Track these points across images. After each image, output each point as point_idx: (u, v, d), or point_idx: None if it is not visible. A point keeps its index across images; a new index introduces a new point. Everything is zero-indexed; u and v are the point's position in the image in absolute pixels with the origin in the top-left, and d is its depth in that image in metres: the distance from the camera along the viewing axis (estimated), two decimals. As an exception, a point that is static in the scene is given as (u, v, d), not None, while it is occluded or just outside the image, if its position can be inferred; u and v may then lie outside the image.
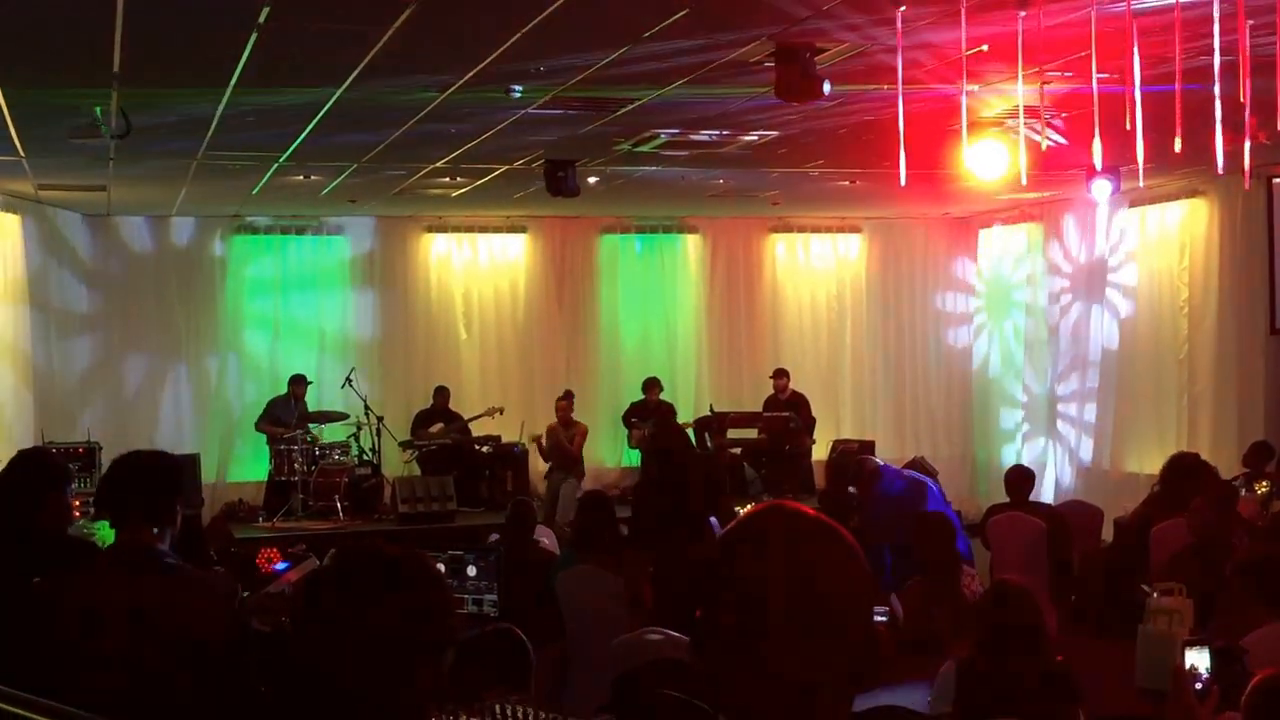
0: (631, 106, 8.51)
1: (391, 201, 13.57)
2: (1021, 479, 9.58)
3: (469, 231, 15.69)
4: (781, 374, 15.13)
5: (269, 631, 5.22)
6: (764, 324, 16.43)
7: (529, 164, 10.91)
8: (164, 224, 14.88)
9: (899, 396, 16.65)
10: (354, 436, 14.12)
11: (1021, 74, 6.42)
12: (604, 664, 5.86)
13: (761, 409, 15.10)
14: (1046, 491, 14.14)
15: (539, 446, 14.13)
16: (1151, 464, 11.87)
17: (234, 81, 7.45)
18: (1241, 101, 5.68)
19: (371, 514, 13.60)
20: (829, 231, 16.55)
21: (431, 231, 15.61)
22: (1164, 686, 3.85)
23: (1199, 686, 3.57)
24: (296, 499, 13.36)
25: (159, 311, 14.87)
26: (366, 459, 14.12)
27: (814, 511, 1.65)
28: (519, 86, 7.81)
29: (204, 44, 6.77)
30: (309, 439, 13.74)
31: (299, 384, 14.18)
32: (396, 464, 14.51)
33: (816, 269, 16.60)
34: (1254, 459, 10.60)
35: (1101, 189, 10.67)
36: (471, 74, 7.37)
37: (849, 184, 12.77)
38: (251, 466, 14.57)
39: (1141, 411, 13.66)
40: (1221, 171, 6.45)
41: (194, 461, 13.54)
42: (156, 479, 3.79)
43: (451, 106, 8.31)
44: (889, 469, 10.15)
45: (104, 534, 5.04)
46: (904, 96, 6.82)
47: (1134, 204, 13.38)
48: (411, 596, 2.26)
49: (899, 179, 7.29)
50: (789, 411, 14.79)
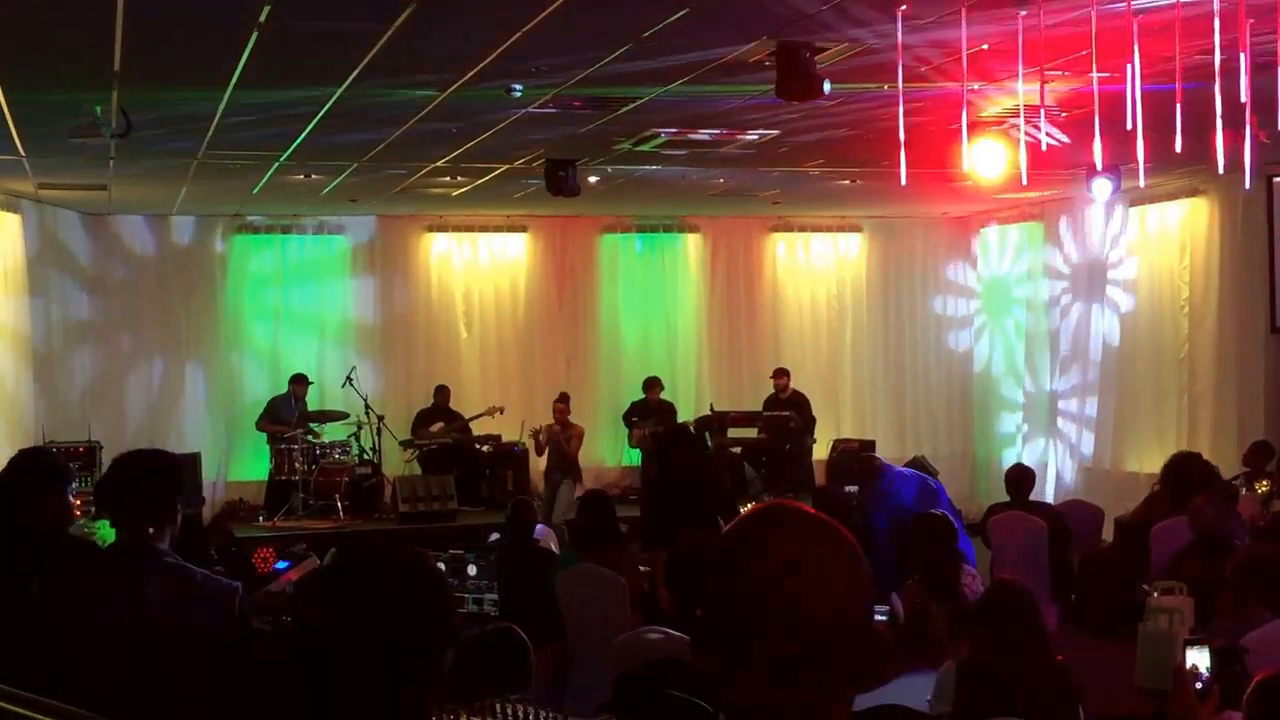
0: (632, 106, 8.50)
1: (392, 200, 13.57)
2: (1022, 478, 9.57)
3: (469, 231, 15.69)
4: (782, 373, 15.12)
5: (270, 630, 5.23)
6: (764, 323, 16.43)
7: (529, 163, 10.90)
8: (164, 223, 14.88)
9: (899, 396, 16.65)
10: (354, 436, 14.13)
11: (1022, 73, 6.42)
12: (604, 663, 5.86)
13: (762, 408, 15.10)
14: (1047, 491, 14.13)
15: (536, 440, 14.11)
16: (1152, 463, 11.86)
17: (234, 81, 7.45)
18: (1242, 101, 5.68)
19: (372, 513, 13.60)
20: (829, 231, 16.55)
21: (432, 231, 15.61)
22: (1164, 686, 3.85)
23: (1199, 686, 3.57)
24: (297, 498, 13.37)
25: (160, 311, 14.88)
26: (367, 458, 14.12)
27: (814, 510, 1.65)
28: (519, 85, 7.80)
29: (204, 43, 6.76)
30: (309, 438, 13.75)
31: (300, 383, 14.19)
32: (397, 463, 14.51)
33: (817, 268, 16.60)
34: (1254, 458, 10.60)
35: (1102, 188, 10.65)
36: (472, 73, 7.37)
37: (849, 183, 12.76)
38: (252, 466, 14.58)
39: (1142, 411, 13.65)
40: (1222, 171, 6.45)
41: (194, 461, 13.55)
42: (157, 478, 3.79)
43: (452, 105, 8.31)
44: (892, 468, 10.14)
45: (104, 533, 5.04)
46: (904, 96, 6.83)
47: (1134, 203, 13.37)
48: (412, 596, 2.26)
49: (899, 178, 7.30)
50: (789, 411, 14.78)
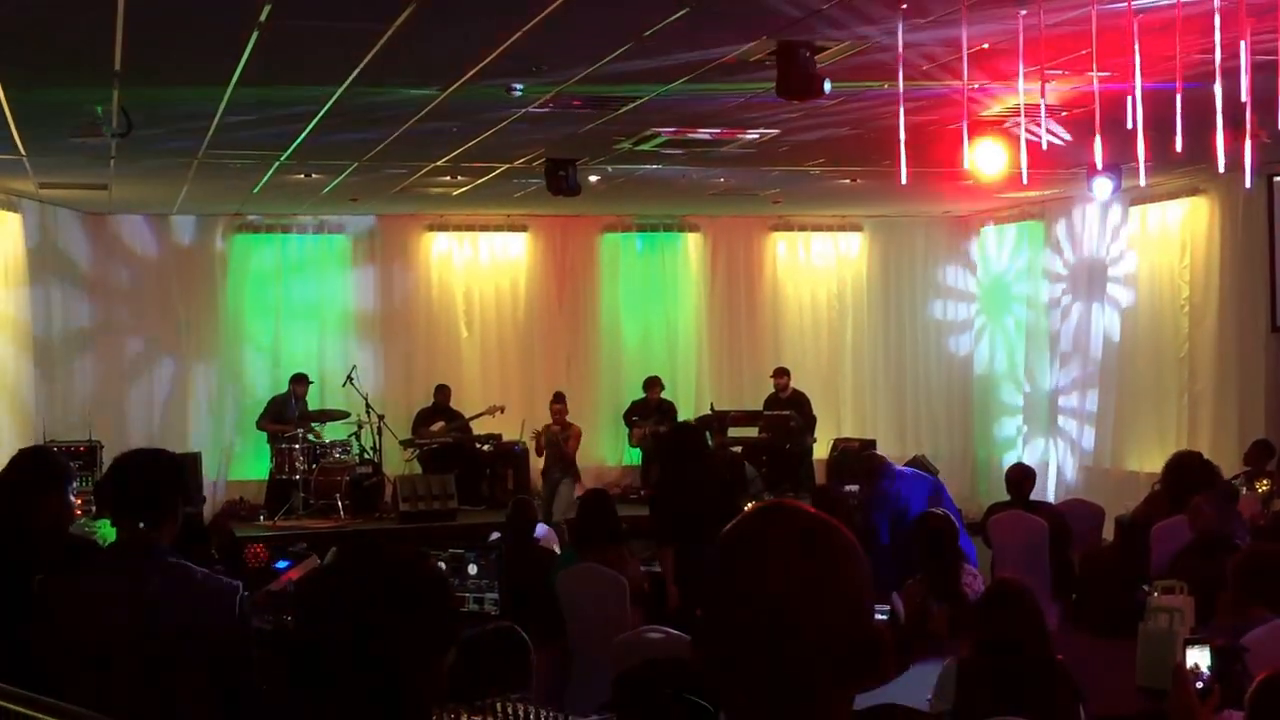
0: (632, 105, 8.50)
1: (392, 200, 13.56)
2: (1022, 478, 9.57)
3: (470, 230, 15.69)
4: (782, 372, 15.13)
5: (271, 630, 5.23)
6: (765, 322, 16.42)
7: (530, 163, 10.90)
8: (165, 223, 14.89)
9: (899, 395, 16.65)
10: (355, 435, 14.13)
11: (1022, 72, 6.42)
12: (605, 662, 5.85)
13: (762, 407, 15.10)
14: (1047, 490, 14.13)
15: (537, 443, 14.11)
16: (1152, 462, 11.86)
17: (235, 80, 7.45)
18: (1242, 100, 5.68)
19: (372, 512, 13.60)
20: (830, 230, 16.54)
21: (432, 230, 15.61)
22: (1165, 685, 3.86)
23: (1200, 685, 3.58)
24: (298, 497, 13.37)
25: (160, 311, 14.89)
26: (367, 457, 14.13)
27: (814, 509, 1.65)
28: (520, 85, 7.80)
29: (205, 42, 6.76)
30: (310, 437, 13.75)
31: (300, 383, 14.19)
32: (397, 462, 14.51)
33: (817, 267, 16.60)
34: (1255, 457, 10.60)
35: (1102, 187, 10.65)
36: (472, 72, 7.37)
37: (850, 182, 12.76)
38: (253, 465, 14.59)
39: (1142, 410, 13.65)
40: (1222, 170, 6.45)
41: (195, 460, 13.56)
42: (157, 477, 3.79)
43: (452, 105, 8.31)
44: (895, 468, 10.09)
45: (105, 532, 5.05)
46: (905, 95, 6.82)
47: (1135, 202, 13.37)
48: (412, 595, 2.26)
49: (900, 177, 7.31)
50: (790, 410, 14.79)
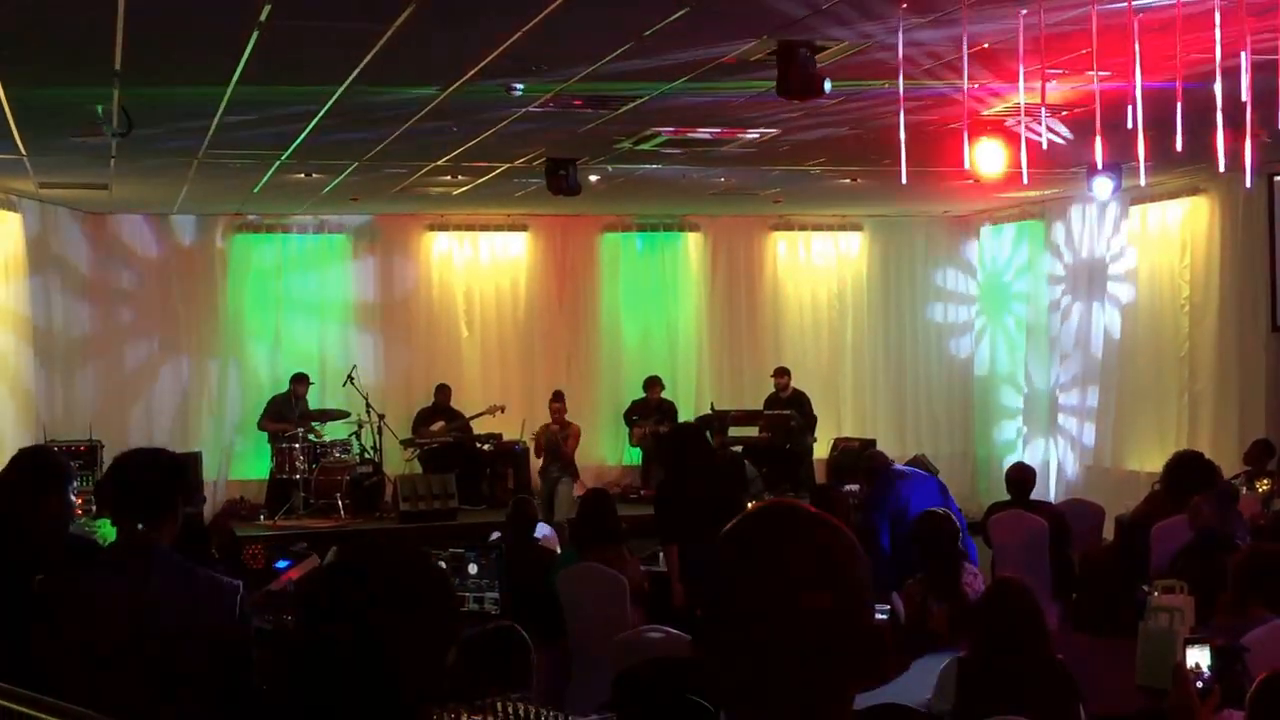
0: (632, 105, 8.50)
1: (393, 200, 13.56)
2: (1022, 477, 9.56)
3: (470, 230, 15.69)
4: (782, 372, 15.13)
5: (271, 629, 5.23)
6: (765, 322, 16.42)
7: (530, 162, 10.90)
8: (165, 222, 14.89)
9: (900, 394, 16.65)
10: (355, 434, 14.14)
11: (1023, 72, 6.42)
12: (605, 662, 5.86)
13: (763, 407, 15.10)
14: (1048, 490, 14.13)
15: (536, 441, 14.11)
16: (1152, 462, 11.86)
17: (235, 80, 7.45)
18: (1243, 100, 5.68)
19: (373, 512, 13.60)
20: (830, 229, 16.54)
21: (433, 230, 15.61)
22: (1165, 684, 3.86)
23: (1200, 685, 3.58)
24: (298, 497, 13.37)
25: (161, 310, 14.89)
26: (368, 457, 14.13)
27: (813, 509, 1.65)
28: (520, 84, 7.80)
29: (205, 42, 6.76)
30: (310, 437, 13.75)
31: (300, 382, 14.19)
32: (398, 462, 14.52)
33: (818, 267, 16.60)
34: (1255, 457, 10.60)
35: (1103, 187, 10.65)
36: (472, 72, 7.37)
37: (850, 182, 12.76)
38: (253, 464, 14.59)
39: (1142, 409, 13.65)
40: (1223, 169, 6.46)
41: (195, 459, 13.56)
42: (157, 477, 3.79)
43: (452, 105, 8.31)
44: (895, 466, 10.07)
45: (105, 532, 5.05)
46: (905, 94, 6.82)
47: (1135, 202, 13.36)
48: (413, 595, 2.26)
49: (900, 177, 7.31)
50: (790, 410, 14.79)
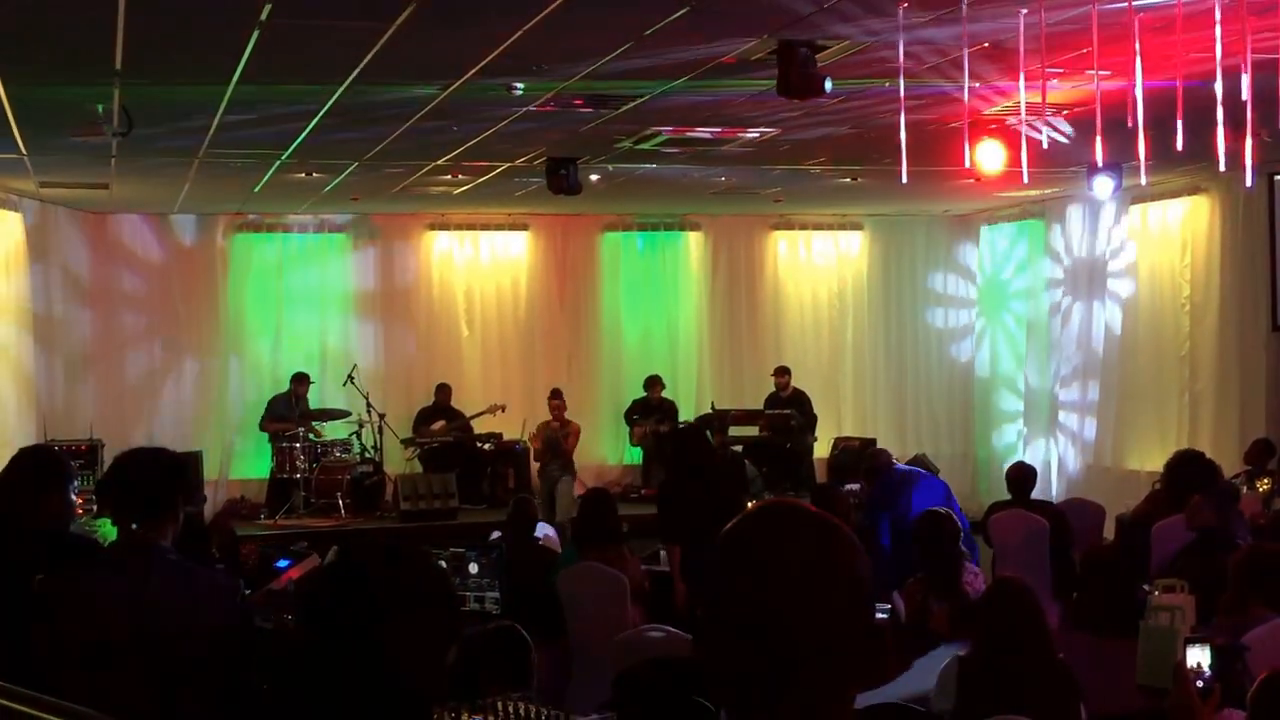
0: (633, 104, 8.50)
1: (393, 199, 13.56)
2: (1023, 477, 9.55)
3: (471, 229, 15.69)
4: (783, 371, 15.14)
5: (272, 629, 5.23)
6: (766, 321, 16.43)
7: (530, 161, 10.90)
8: (166, 222, 14.89)
9: (900, 394, 16.65)
10: (356, 434, 14.14)
11: (1023, 71, 6.42)
12: (606, 661, 5.86)
13: (763, 406, 15.10)
14: (1048, 489, 14.12)
15: (537, 441, 14.09)
16: (1153, 461, 11.86)
17: (235, 79, 7.45)
18: (1243, 99, 5.68)
19: (373, 511, 13.61)
20: (830, 229, 16.55)
21: (433, 229, 15.61)
22: (1165, 683, 3.85)
23: (1201, 684, 3.57)
24: (298, 496, 13.37)
25: (161, 310, 14.90)
26: (368, 456, 14.13)
27: (814, 508, 1.65)
28: (520, 84, 7.80)
29: (206, 41, 6.76)
30: (311, 436, 13.76)
31: (301, 382, 14.19)
32: (398, 461, 14.52)
33: (818, 266, 16.60)
34: (1255, 456, 10.60)
35: (1103, 186, 10.64)
36: (473, 71, 7.37)
37: (851, 181, 12.76)
38: (253, 464, 14.60)
39: (1143, 409, 13.65)
40: (1223, 169, 6.46)
41: (196, 459, 13.56)
42: (158, 476, 3.79)
43: (453, 104, 8.31)
44: (898, 466, 10.04)
45: (106, 531, 5.05)
46: (905, 94, 6.82)
47: (1135, 201, 13.36)
48: (413, 594, 2.26)
49: (901, 176, 7.31)
50: (790, 409, 14.79)
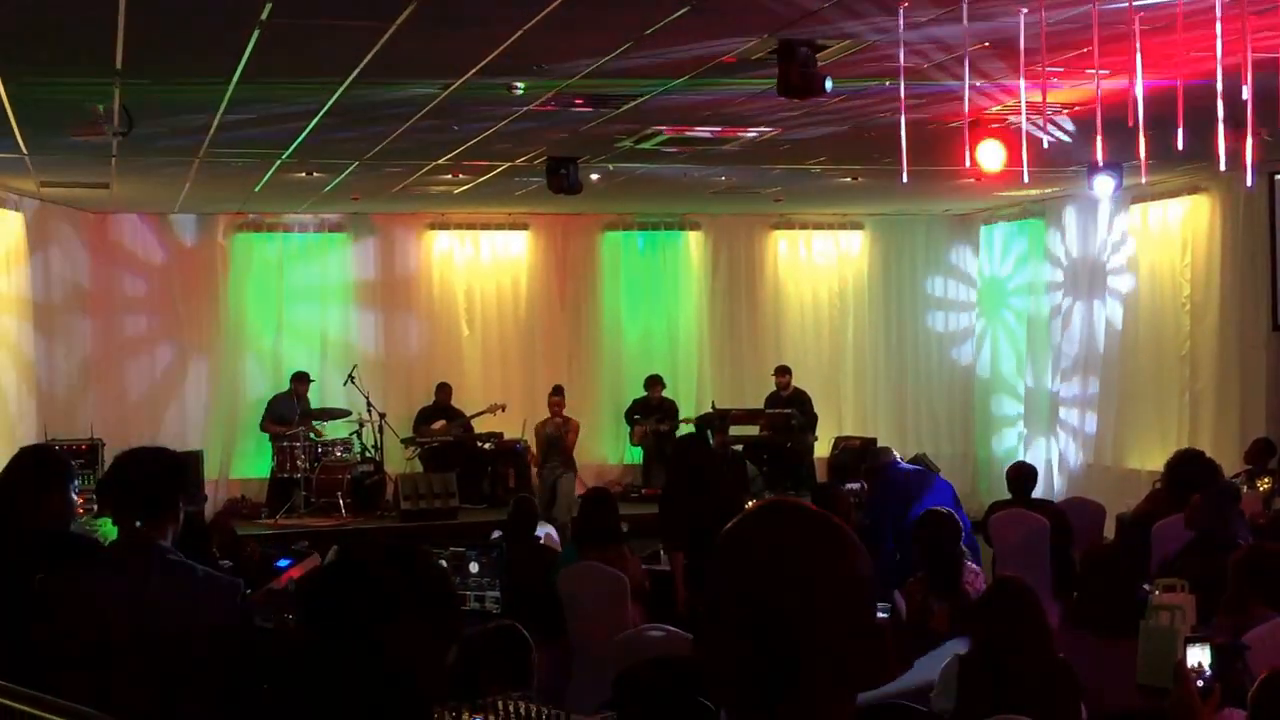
0: (633, 104, 8.50)
1: (394, 199, 13.56)
2: (1023, 476, 9.56)
3: (471, 229, 15.70)
4: (783, 371, 15.14)
5: (272, 628, 5.23)
6: (766, 321, 16.43)
7: (531, 161, 10.90)
8: (166, 221, 14.90)
9: (900, 393, 16.65)
10: (356, 433, 14.15)
11: (1024, 70, 6.42)
12: (606, 661, 5.85)
13: (763, 406, 15.11)
14: (1050, 488, 14.13)
15: (538, 439, 14.08)
16: (1153, 461, 11.86)
17: (236, 79, 7.45)
18: (1244, 99, 5.68)
19: (374, 511, 13.62)
20: (831, 228, 16.55)
21: (434, 229, 15.62)
22: (1166, 683, 3.85)
23: (1201, 683, 3.57)
24: (299, 496, 13.38)
25: (162, 309, 14.91)
26: (369, 456, 14.14)
27: (814, 507, 1.65)
28: (520, 83, 7.80)
29: (206, 41, 6.76)
30: (311, 436, 13.76)
31: (301, 381, 14.20)
32: (399, 461, 14.52)
33: (818, 266, 16.60)
34: (1256, 456, 10.59)
35: (1103, 185, 10.64)
36: (473, 71, 7.37)
37: (851, 181, 12.76)
38: (254, 463, 14.60)
39: (1143, 408, 13.64)
40: (1223, 168, 6.45)
41: (196, 458, 13.57)
42: (158, 475, 3.79)
43: (453, 103, 8.31)
44: (901, 465, 10.01)
45: (106, 530, 5.04)
46: (906, 93, 6.82)
47: (1136, 200, 13.36)
48: (414, 594, 2.26)
49: (901, 175, 7.31)
50: (791, 408, 14.79)
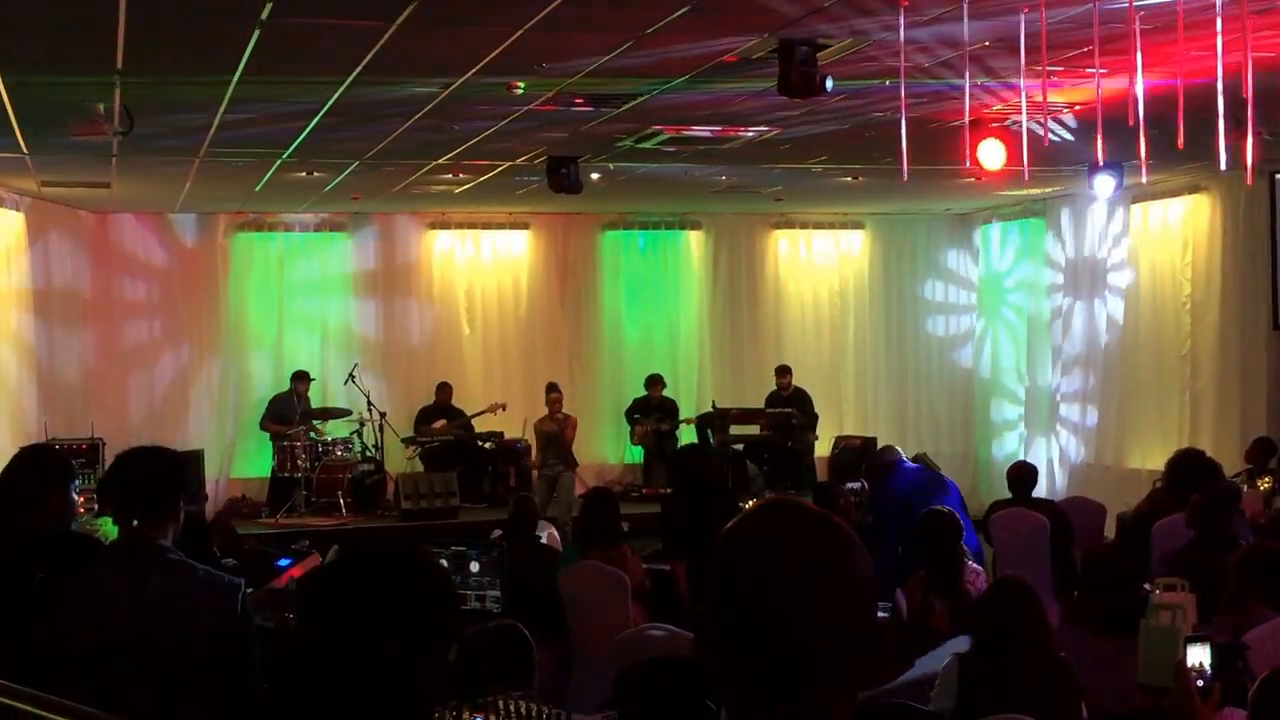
0: (634, 103, 8.50)
1: (394, 198, 13.56)
2: (1023, 475, 9.56)
3: (472, 228, 15.70)
4: (784, 370, 15.15)
5: (273, 628, 5.24)
6: (767, 320, 16.43)
7: (531, 160, 10.90)
8: (167, 221, 14.90)
9: (901, 392, 16.66)
10: (357, 433, 14.15)
11: (1024, 70, 6.42)
12: (606, 660, 5.86)
13: (764, 405, 15.11)
14: (1051, 487, 14.13)
15: (536, 438, 14.06)
16: (1154, 460, 11.86)
17: (237, 78, 7.45)
18: (1244, 98, 5.68)
19: (374, 510, 13.61)
20: (831, 228, 16.55)
21: (434, 228, 15.62)
22: (1166, 682, 3.85)
23: (1201, 683, 3.57)
24: (299, 495, 13.38)
25: (162, 308, 14.92)
26: (369, 455, 14.14)
27: (815, 506, 1.65)
28: (521, 82, 7.80)
29: (207, 40, 6.77)
30: (312, 435, 13.76)
31: (301, 380, 14.20)
32: (399, 460, 14.52)
33: (819, 265, 16.60)
34: (1256, 455, 10.59)
35: (1104, 184, 10.64)
36: (474, 70, 7.37)
37: (852, 180, 12.76)
38: (255, 463, 14.60)
39: (1144, 408, 13.65)
40: (1224, 167, 6.45)
41: (197, 458, 13.57)
42: (159, 475, 3.79)
43: (454, 103, 8.31)
44: (905, 464, 10.00)
45: (107, 529, 5.04)
46: (906, 92, 6.82)
47: (1136, 200, 13.37)
48: (414, 593, 2.26)
49: (902, 175, 7.31)
50: (791, 408, 14.80)
